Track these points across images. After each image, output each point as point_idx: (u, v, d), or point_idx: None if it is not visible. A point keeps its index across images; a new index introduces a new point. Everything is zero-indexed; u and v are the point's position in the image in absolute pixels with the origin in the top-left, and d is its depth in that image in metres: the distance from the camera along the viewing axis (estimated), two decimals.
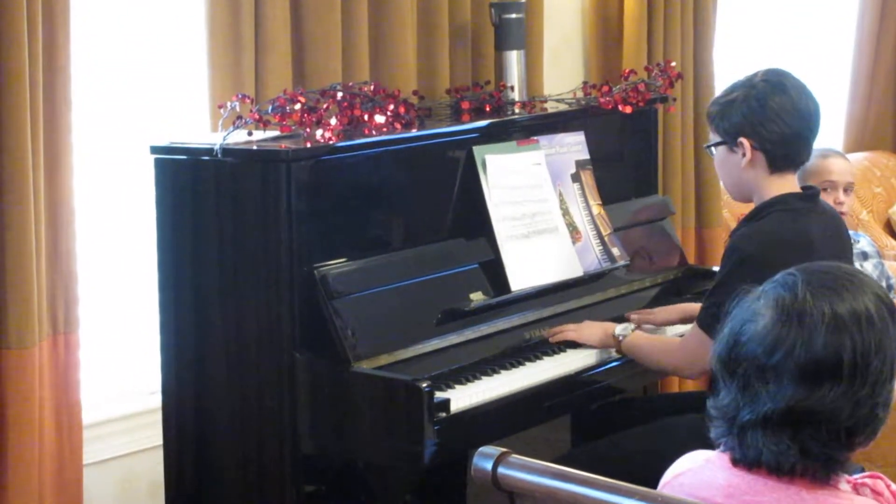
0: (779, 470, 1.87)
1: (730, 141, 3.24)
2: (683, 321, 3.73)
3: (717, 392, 1.93)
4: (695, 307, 3.72)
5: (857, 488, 1.93)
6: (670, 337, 3.58)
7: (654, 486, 1.99)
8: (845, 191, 4.51)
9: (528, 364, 3.43)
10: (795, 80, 3.25)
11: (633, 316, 3.71)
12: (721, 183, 3.41)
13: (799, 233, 3.17)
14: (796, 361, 1.83)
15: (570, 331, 3.56)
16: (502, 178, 3.61)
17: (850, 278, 1.89)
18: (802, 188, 3.35)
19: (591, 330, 3.55)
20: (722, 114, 3.24)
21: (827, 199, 4.36)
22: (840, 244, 3.30)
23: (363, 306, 3.23)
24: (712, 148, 3.31)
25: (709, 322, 3.16)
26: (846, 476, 1.93)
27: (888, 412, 1.89)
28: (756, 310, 1.90)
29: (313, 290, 3.17)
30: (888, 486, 1.96)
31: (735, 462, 1.91)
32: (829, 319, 1.83)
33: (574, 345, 3.55)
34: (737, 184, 3.30)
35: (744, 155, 3.22)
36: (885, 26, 6.04)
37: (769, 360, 1.85)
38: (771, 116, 3.19)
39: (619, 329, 3.49)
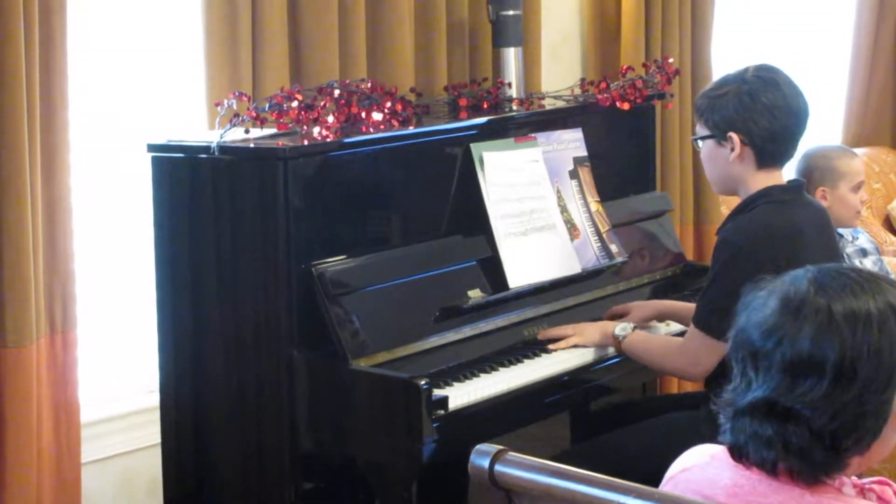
0: (763, 465, 1.86)
1: (719, 135, 3.24)
2: (660, 319, 3.72)
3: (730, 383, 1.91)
4: (673, 305, 3.72)
5: (863, 492, 1.91)
6: (671, 337, 3.56)
7: (653, 483, 1.98)
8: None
9: (526, 361, 3.42)
10: (786, 76, 3.25)
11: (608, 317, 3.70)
12: (706, 176, 3.40)
13: (788, 223, 3.16)
14: (783, 352, 1.81)
15: (572, 335, 3.53)
16: (500, 175, 3.61)
17: (864, 281, 1.84)
18: (788, 181, 3.35)
19: (591, 331, 3.53)
20: (712, 107, 3.24)
21: (856, 198, 4.34)
22: (828, 236, 3.29)
23: (361, 304, 3.23)
24: (699, 141, 3.31)
25: (706, 320, 3.15)
26: (853, 479, 1.90)
27: (883, 423, 1.81)
28: (765, 299, 1.87)
29: (311, 287, 3.17)
30: None
31: (731, 452, 1.90)
32: (822, 316, 1.79)
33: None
34: (723, 178, 3.30)
35: (732, 149, 3.22)
36: (883, 22, 6.03)
37: (762, 346, 1.83)
38: (763, 112, 3.18)
39: (618, 329, 3.48)
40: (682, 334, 3.48)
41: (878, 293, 1.81)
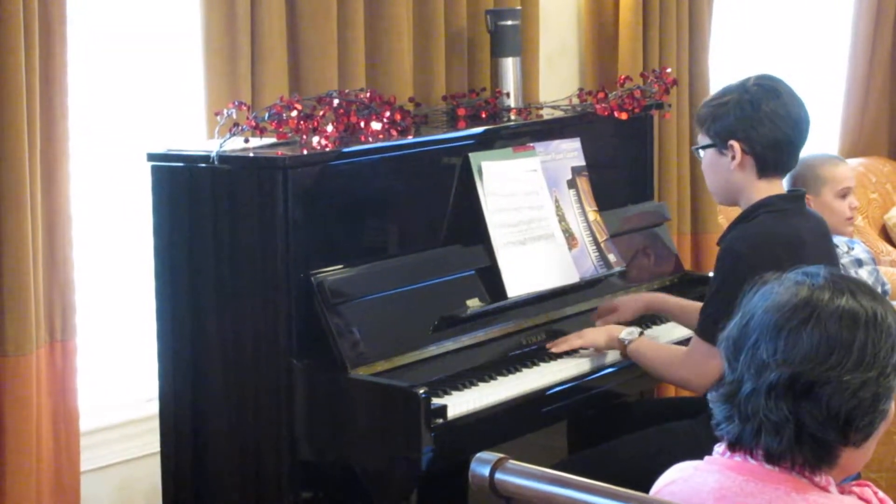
0: (770, 456, 1.87)
1: (720, 143, 3.25)
2: (649, 311, 3.74)
3: (722, 382, 1.93)
4: (665, 299, 3.72)
5: (843, 492, 1.94)
6: (676, 346, 3.54)
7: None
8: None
9: (524, 370, 3.43)
10: (787, 86, 3.27)
11: (597, 319, 3.70)
12: (708, 186, 3.41)
13: (790, 232, 3.17)
14: (811, 330, 1.86)
15: (575, 338, 3.54)
16: (498, 184, 3.62)
17: (869, 287, 1.94)
18: (788, 190, 3.36)
19: (595, 333, 3.54)
20: (714, 116, 3.25)
21: (843, 205, 4.36)
22: (827, 246, 3.31)
23: (360, 313, 3.23)
24: (700, 150, 3.32)
25: (710, 331, 3.13)
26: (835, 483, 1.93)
27: (888, 410, 1.90)
28: (774, 290, 1.92)
29: (310, 296, 3.17)
30: (875, 494, 1.97)
31: (731, 445, 1.91)
32: (844, 308, 1.87)
33: (570, 350, 3.55)
34: (724, 187, 3.30)
35: (733, 158, 3.23)
36: (880, 32, 6.05)
37: (787, 322, 1.87)
38: (763, 120, 3.20)
39: (624, 333, 3.47)
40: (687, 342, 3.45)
41: (882, 298, 1.94)
